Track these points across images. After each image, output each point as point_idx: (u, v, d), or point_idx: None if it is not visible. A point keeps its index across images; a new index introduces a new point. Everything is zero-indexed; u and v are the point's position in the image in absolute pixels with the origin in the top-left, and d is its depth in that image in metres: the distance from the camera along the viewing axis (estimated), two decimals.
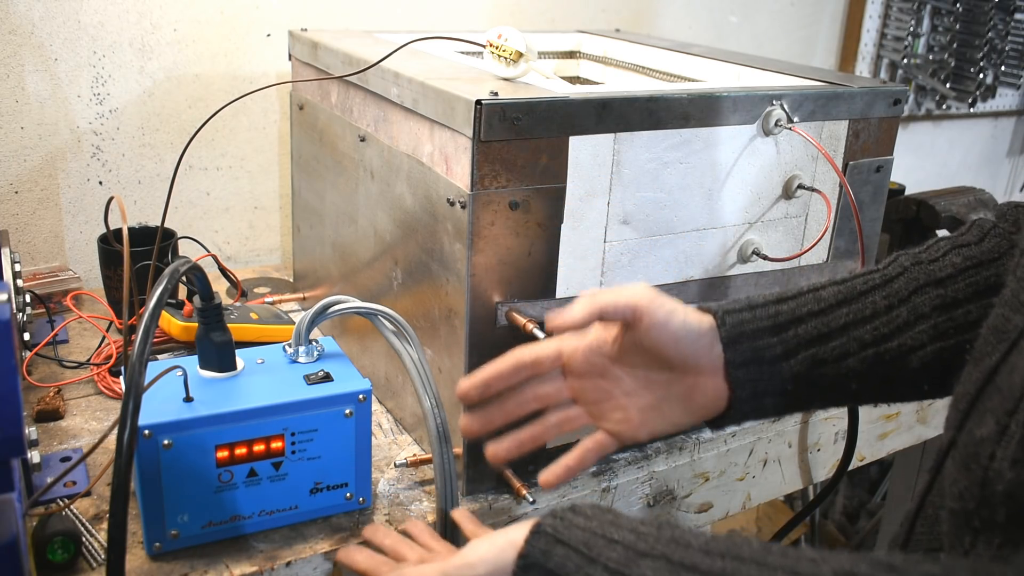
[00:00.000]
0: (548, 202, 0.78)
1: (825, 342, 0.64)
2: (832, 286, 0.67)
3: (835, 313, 0.65)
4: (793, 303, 0.65)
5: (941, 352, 0.65)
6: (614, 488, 0.88)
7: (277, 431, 0.71)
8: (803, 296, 0.66)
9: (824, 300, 0.65)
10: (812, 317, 0.65)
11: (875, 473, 2.18)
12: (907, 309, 0.65)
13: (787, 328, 0.64)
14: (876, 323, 0.65)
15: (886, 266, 0.68)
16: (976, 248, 0.67)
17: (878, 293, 0.66)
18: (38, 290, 1.12)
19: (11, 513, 0.54)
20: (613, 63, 1.23)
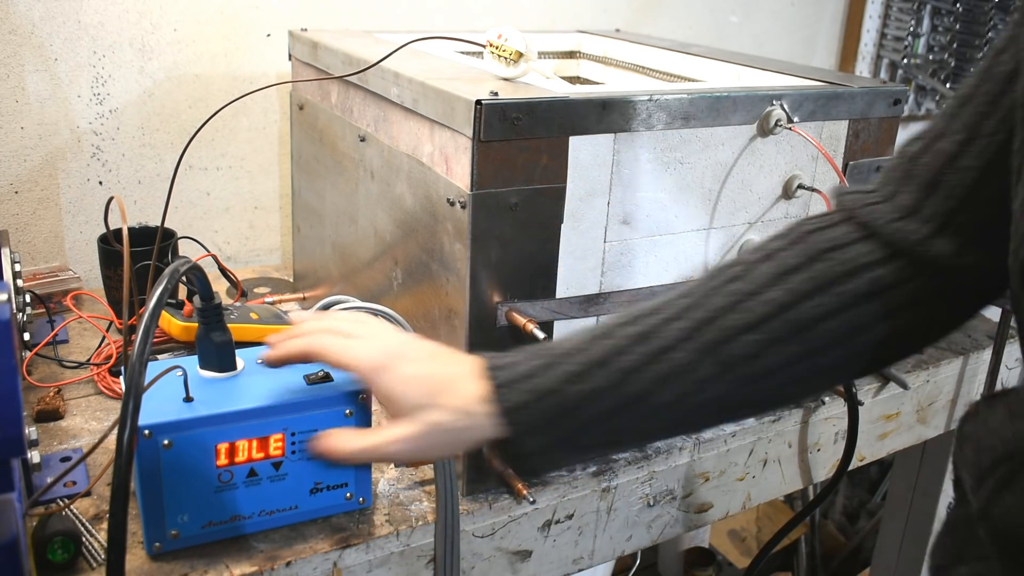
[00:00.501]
0: (548, 202, 0.78)
1: (623, 412, 0.60)
2: (634, 347, 0.60)
3: (633, 379, 0.60)
4: (587, 381, 0.60)
5: (751, 397, 0.62)
6: (614, 488, 0.88)
7: (277, 431, 0.71)
8: (600, 368, 0.60)
9: (621, 369, 0.60)
10: (609, 391, 0.60)
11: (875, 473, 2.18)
12: (711, 361, 0.60)
13: (579, 410, 0.60)
14: (677, 380, 0.60)
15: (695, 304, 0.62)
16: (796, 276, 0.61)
17: (681, 347, 0.60)
18: (38, 290, 1.12)
19: (11, 513, 0.54)
20: (613, 63, 1.23)
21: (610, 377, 0.60)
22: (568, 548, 0.88)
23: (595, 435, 0.61)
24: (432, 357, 0.65)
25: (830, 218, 0.64)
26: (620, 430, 0.62)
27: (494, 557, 0.83)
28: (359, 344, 0.66)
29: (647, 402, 0.60)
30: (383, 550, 0.76)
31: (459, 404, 0.61)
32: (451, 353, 0.66)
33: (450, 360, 0.65)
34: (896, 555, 1.38)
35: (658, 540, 0.95)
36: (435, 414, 0.62)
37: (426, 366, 0.64)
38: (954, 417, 1.19)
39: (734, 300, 0.61)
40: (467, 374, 0.62)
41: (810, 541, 2.01)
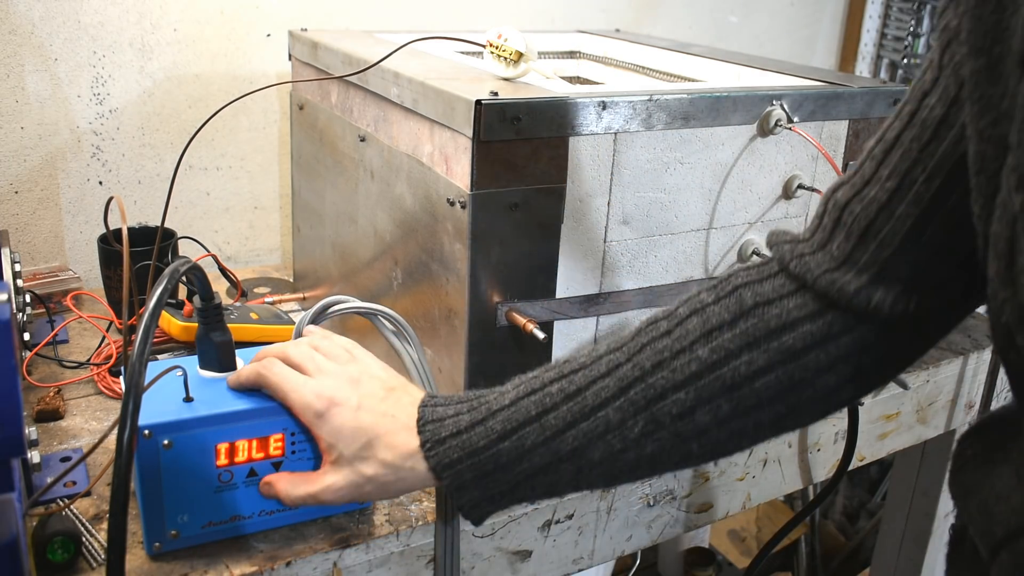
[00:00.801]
0: (548, 202, 0.78)
1: (555, 467, 0.61)
2: (562, 404, 0.61)
3: (563, 437, 0.60)
4: (515, 439, 0.60)
5: (684, 453, 0.62)
6: (614, 488, 0.88)
7: (277, 431, 0.71)
8: (528, 425, 0.61)
9: (550, 427, 0.60)
10: (537, 449, 0.60)
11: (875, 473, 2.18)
12: (643, 419, 0.60)
13: (510, 466, 0.61)
14: (608, 438, 0.60)
15: (628, 358, 0.61)
16: (729, 331, 0.60)
17: (611, 406, 0.60)
18: (38, 290, 1.12)
19: (11, 513, 0.54)
20: (613, 63, 1.23)
21: (540, 435, 0.60)
22: (568, 548, 0.88)
23: (528, 490, 0.62)
24: (372, 404, 0.65)
25: (763, 270, 0.63)
26: (553, 484, 0.62)
27: (494, 557, 0.83)
28: (305, 385, 0.67)
29: (578, 459, 0.61)
30: (383, 550, 0.76)
31: (391, 459, 0.63)
32: (395, 396, 0.66)
33: (389, 408, 0.65)
34: (896, 555, 1.38)
35: (658, 540, 0.95)
36: (369, 467, 0.64)
37: (363, 416, 0.65)
38: (954, 417, 1.19)
39: (662, 358, 0.60)
40: (401, 428, 0.64)
41: (810, 541, 2.01)
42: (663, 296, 0.89)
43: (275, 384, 0.68)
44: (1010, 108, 0.44)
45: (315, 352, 0.70)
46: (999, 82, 0.45)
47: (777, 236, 0.65)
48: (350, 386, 0.66)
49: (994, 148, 0.46)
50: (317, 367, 0.68)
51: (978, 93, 0.47)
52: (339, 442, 0.65)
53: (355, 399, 0.65)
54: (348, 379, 0.67)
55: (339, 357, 0.70)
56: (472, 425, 0.62)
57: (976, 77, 0.47)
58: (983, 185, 0.47)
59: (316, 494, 0.66)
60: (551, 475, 0.61)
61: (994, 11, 0.45)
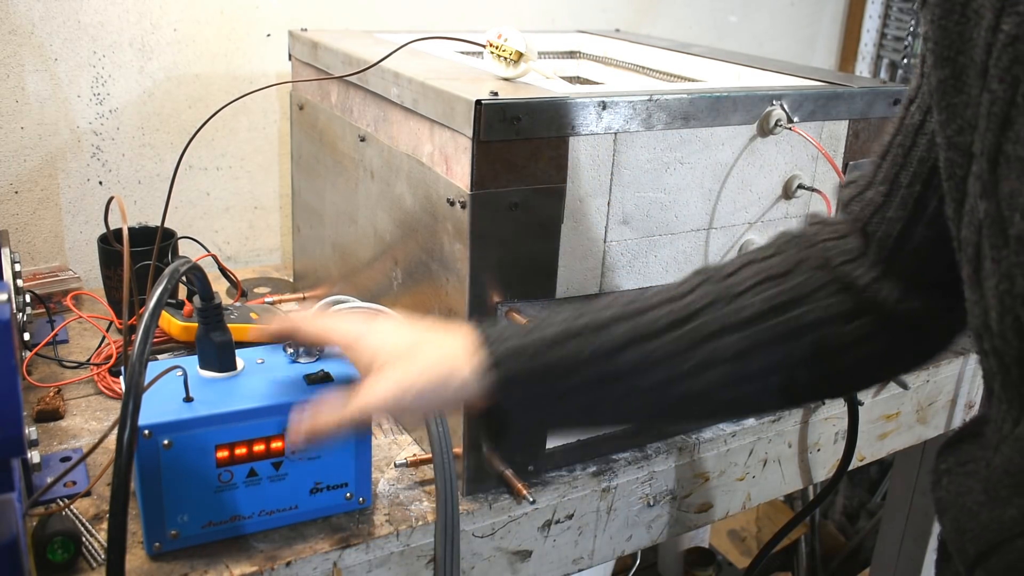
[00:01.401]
0: (548, 202, 0.78)
1: (606, 385, 0.60)
2: (624, 320, 0.61)
3: (621, 355, 0.60)
4: (574, 345, 0.60)
5: (736, 397, 0.62)
6: (614, 488, 0.88)
7: (277, 431, 0.71)
8: (589, 335, 0.60)
9: (611, 340, 0.60)
10: (594, 361, 0.60)
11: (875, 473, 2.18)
12: (702, 353, 0.60)
13: (564, 376, 0.60)
14: (664, 366, 0.60)
15: (690, 290, 0.62)
16: (785, 282, 0.62)
17: (672, 332, 0.60)
18: (38, 290, 1.12)
19: (11, 513, 0.54)
20: (613, 63, 1.23)
21: (598, 347, 0.60)
22: (568, 548, 0.88)
23: (572, 405, 0.61)
24: (415, 322, 0.66)
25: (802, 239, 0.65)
26: (597, 405, 0.61)
27: (494, 557, 0.83)
28: (342, 316, 0.68)
29: (629, 381, 0.60)
30: (383, 550, 0.76)
31: (442, 354, 0.61)
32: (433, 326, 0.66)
33: (432, 325, 0.65)
34: (896, 555, 1.38)
35: (658, 540, 0.95)
36: (416, 365, 0.61)
37: (407, 329, 0.65)
38: (954, 417, 1.19)
39: (719, 298, 0.62)
40: (450, 332, 0.63)
41: (810, 541, 2.01)
42: None
43: (310, 324, 0.67)
44: (973, 117, 0.45)
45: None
46: (963, 91, 0.46)
47: (811, 218, 0.67)
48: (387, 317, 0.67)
49: (960, 156, 0.47)
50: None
51: (945, 102, 0.48)
52: (384, 348, 0.62)
53: (398, 320, 0.66)
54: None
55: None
56: (529, 331, 0.61)
57: (943, 86, 0.48)
58: (953, 191, 0.49)
59: (360, 405, 0.61)
60: (599, 392, 0.60)
61: (958, 22, 0.46)
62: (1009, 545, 0.49)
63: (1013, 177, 0.43)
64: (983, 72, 0.44)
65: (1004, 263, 0.44)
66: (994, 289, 0.45)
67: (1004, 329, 0.45)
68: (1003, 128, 0.43)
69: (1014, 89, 0.42)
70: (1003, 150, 0.43)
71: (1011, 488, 0.49)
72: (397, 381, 0.61)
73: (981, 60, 0.44)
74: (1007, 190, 0.43)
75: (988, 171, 0.44)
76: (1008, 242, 0.43)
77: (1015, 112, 0.42)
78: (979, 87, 0.45)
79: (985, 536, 0.50)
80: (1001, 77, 0.42)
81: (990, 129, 0.44)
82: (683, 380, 0.60)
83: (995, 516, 0.50)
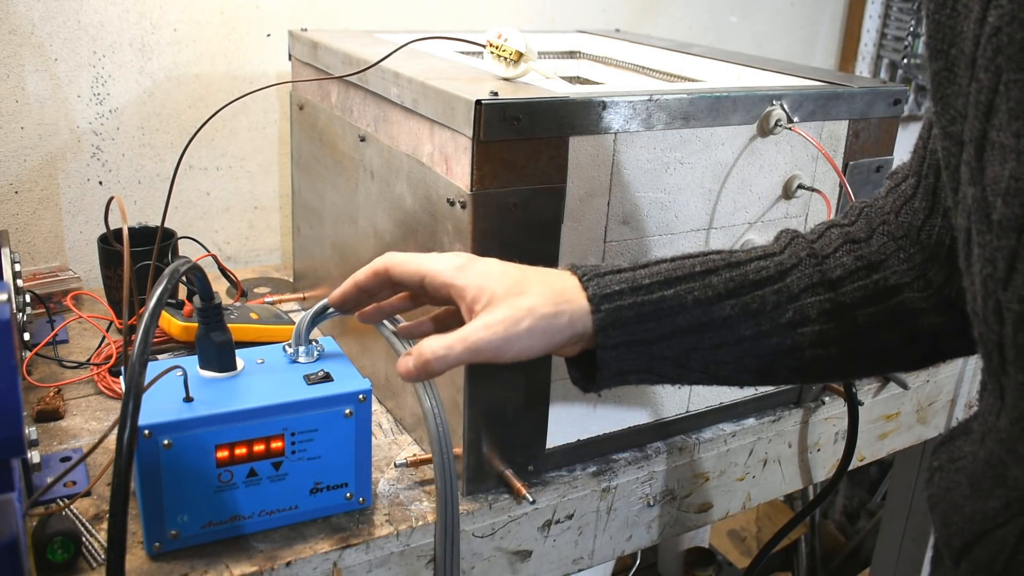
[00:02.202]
0: (548, 202, 0.78)
1: (704, 331, 0.61)
2: (724, 270, 0.63)
3: (721, 304, 0.62)
4: (679, 288, 0.61)
5: (819, 357, 0.64)
6: (614, 488, 0.88)
7: (277, 431, 0.71)
8: (692, 281, 0.62)
9: (713, 287, 0.62)
10: (697, 306, 0.61)
11: (875, 473, 2.18)
12: (794, 309, 0.63)
13: (668, 316, 0.61)
14: (760, 319, 0.62)
15: (781, 250, 0.65)
16: (866, 247, 0.65)
17: (768, 287, 0.63)
18: (38, 290, 1.12)
19: (11, 513, 0.54)
20: (613, 63, 1.23)
21: (702, 293, 0.62)
22: (568, 548, 0.88)
23: (667, 349, 0.62)
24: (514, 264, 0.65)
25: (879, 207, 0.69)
26: (691, 352, 0.62)
27: (494, 557, 0.83)
28: (431, 254, 0.65)
29: (727, 331, 0.62)
30: (383, 550, 0.76)
31: (548, 291, 0.61)
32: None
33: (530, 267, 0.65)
34: (896, 555, 1.38)
35: (658, 540, 0.95)
36: (525, 299, 0.60)
37: (508, 266, 0.64)
38: (954, 417, 1.19)
39: (812, 254, 0.65)
40: (551, 272, 0.64)
41: (810, 541, 2.01)
42: None
43: (404, 258, 0.65)
44: (964, 107, 0.47)
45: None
46: (955, 82, 0.48)
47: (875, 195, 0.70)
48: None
49: (953, 144, 0.49)
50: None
51: (940, 93, 0.50)
52: (488, 282, 0.61)
53: (493, 259, 0.64)
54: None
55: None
56: (635, 268, 0.62)
57: (937, 78, 0.50)
58: (950, 179, 0.50)
59: (472, 339, 0.59)
60: (695, 338, 0.62)
61: (950, 16, 0.48)
62: (991, 535, 0.49)
63: (996, 163, 0.44)
64: (972, 63, 0.46)
65: (988, 248, 0.45)
66: (979, 274, 0.46)
67: (987, 314, 0.46)
68: (988, 116, 0.44)
69: (997, 78, 0.44)
70: (988, 137, 0.45)
71: (993, 480, 0.50)
72: (506, 317, 0.59)
73: (970, 51, 0.46)
74: (991, 175, 0.45)
75: (975, 158, 0.46)
76: (991, 227, 0.45)
77: (999, 100, 0.44)
78: (968, 77, 0.46)
79: (969, 528, 0.51)
80: (986, 67, 0.44)
81: (977, 117, 0.45)
82: (775, 334, 0.63)
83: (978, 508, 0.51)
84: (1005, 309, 0.44)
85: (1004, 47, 0.43)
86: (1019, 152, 0.43)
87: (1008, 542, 0.48)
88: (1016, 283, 0.43)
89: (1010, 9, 0.42)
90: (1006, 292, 0.44)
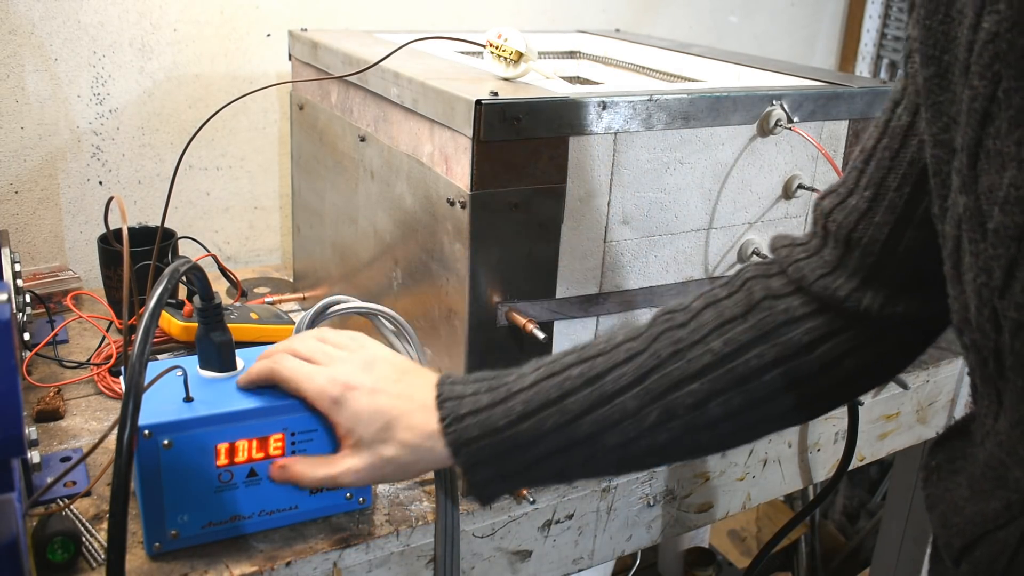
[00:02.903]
0: (548, 202, 0.78)
1: (569, 450, 0.61)
2: (582, 388, 0.61)
3: (580, 423, 0.61)
4: (534, 420, 0.61)
5: (694, 444, 0.63)
6: (614, 488, 0.88)
7: (277, 431, 0.71)
8: (547, 408, 0.61)
9: (568, 411, 0.61)
10: (555, 431, 0.61)
11: (875, 473, 2.18)
12: (658, 409, 0.61)
13: (528, 447, 0.61)
14: (624, 425, 0.61)
15: (646, 346, 0.62)
16: (743, 321, 0.62)
17: (628, 393, 0.61)
18: (38, 290, 1.12)
19: (11, 513, 0.54)
20: (613, 63, 1.23)
21: (559, 418, 0.61)
22: (568, 548, 0.88)
23: (540, 471, 0.63)
24: (387, 386, 0.66)
25: (769, 268, 0.65)
26: (565, 467, 0.63)
27: (494, 557, 0.83)
28: (316, 373, 0.67)
29: (593, 444, 0.61)
30: (383, 550, 0.76)
31: (411, 439, 0.63)
32: (409, 378, 0.66)
33: (405, 389, 0.65)
34: (896, 555, 1.38)
35: (658, 540, 0.95)
36: (388, 449, 0.64)
37: (380, 398, 0.65)
38: (954, 417, 1.19)
39: (678, 348, 0.62)
40: (418, 408, 0.64)
41: (810, 541, 2.01)
42: (663, 296, 0.89)
43: (288, 377, 0.68)
44: (957, 114, 0.46)
45: (323, 343, 0.70)
46: (948, 89, 0.47)
47: (776, 241, 0.67)
48: (363, 370, 0.67)
49: (945, 152, 0.48)
50: (328, 356, 0.69)
51: (931, 100, 0.49)
52: (358, 425, 0.65)
53: (369, 382, 0.66)
54: (361, 364, 0.67)
55: (347, 346, 0.70)
56: (492, 404, 0.62)
57: (929, 84, 0.49)
58: (939, 188, 0.49)
59: (336, 476, 0.67)
60: (565, 458, 0.62)
61: (943, 21, 0.47)
62: (992, 536, 0.49)
63: (993, 172, 0.43)
64: (965, 69, 0.45)
65: (982, 256, 0.44)
66: (972, 283, 0.46)
67: (982, 322, 0.46)
68: (983, 123, 0.44)
69: (995, 85, 0.43)
70: (983, 145, 0.44)
71: (993, 481, 0.50)
72: (369, 464, 0.65)
73: (964, 58, 0.45)
74: (986, 184, 0.44)
75: (968, 166, 0.45)
76: (986, 236, 0.44)
77: (995, 108, 0.43)
78: (962, 84, 0.45)
79: (969, 529, 0.51)
80: (982, 73, 0.43)
81: (970, 124, 0.44)
82: (646, 435, 0.61)
83: (979, 509, 0.51)
84: (1002, 317, 0.44)
85: (1003, 54, 0.42)
86: (1020, 160, 0.42)
87: (1009, 543, 0.48)
88: (1014, 291, 0.43)
89: (1009, 15, 0.41)
90: (1003, 300, 0.43)
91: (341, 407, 0.66)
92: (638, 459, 0.63)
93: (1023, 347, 0.43)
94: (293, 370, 0.68)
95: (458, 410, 0.63)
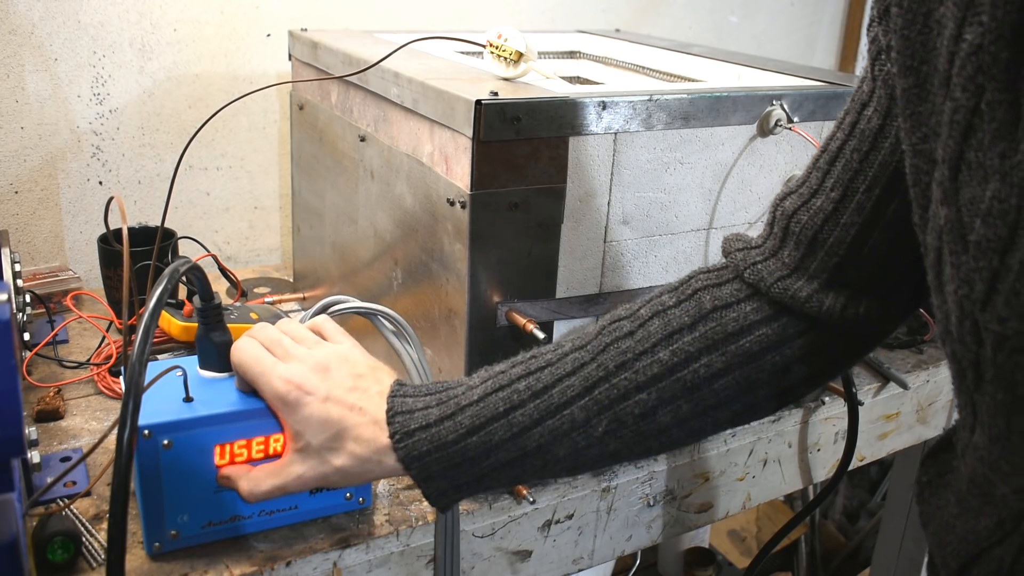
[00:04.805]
0: (548, 202, 0.78)
1: (521, 461, 0.62)
2: (529, 401, 0.62)
3: (529, 435, 0.61)
4: (482, 434, 0.61)
5: (645, 449, 0.64)
6: (614, 488, 0.88)
7: (277, 431, 0.71)
8: (495, 422, 0.61)
9: (517, 424, 0.61)
10: (505, 444, 0.61)
11: (875, 473, 2.18)
12: (607, 419, 0.62)
13: (479, 459, 0.62)
14: (573, 435, 0.62)
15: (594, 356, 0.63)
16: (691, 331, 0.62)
17: (576, 404, 0.61)
18: (38, 290, 1.12)
19: (11, 513, 0.54)
20: (613, 63, 1.23)
21: (507, 431, 0.61)
22: (568, 548, 0.88)
23: (494, 480, 0.63)
24: (340, 394, 0.65)
25: (721, 275, 0.65)
26: (518, 476, 0.63)
27: (494, 557, 0.83)
28: (274, 369, 0.66)
29: (544, 454, 0.62)
30: (383, 550, 0.76)
31: (360, 452, 0.63)
32: (363, 384, 0.66)
33: (358, 399, 0.65)
34: (896, 555, 1.38)
35: (658, 540, 0.95)
36: (337, 459, 0.64)
37: (331, 408, 0.64)
38: (954, 417, 1.19)
39: (625, 359, 0.62)
40: (369, 421, 0.64)
41: (810, 541, 2.01)
42: None
43: (246, 364, 0.68)
44: (937, 125, 0.46)
45: (283, 336, 0.69)
46: (927, 100, 0.47)
47: (730, 243, 0.67)
48: (318, 374, 0.65)
49: (925, 162, 0.48)
50: (285, 351, 0.68)
51: (909, 110, 0.48)
52: (307, 431, 0.65)
53: (323, 389, 0.65)
54: (316, 365, 0.66)
55: (306, 340, 0.69)
56: (441, 419, 0.62)
57: (907, 95, 0.48)
58: (919, 197, 0.49)
59: (284, 486, 0.66)
60: (517, 468, 0.63)
61: (921, 32, 0.47)
62: (987, 555, 0.49)
63: (975, 184, 0.43)
64: (946, 81, 0.44)
65: (963, 268, 0.44)
66: (954, 294, 0.45)
67: (963, 333, 0.45)
68: (966, 136, 0.43)
69: (978, 97, 0.42)
70: (965, 157, 0.43)
71: (980, 498, 0.50)
72: (318, 473, 0.65)
73: (944, 69, 0.44)
74: (968, 196, 0.43)
75: (949, 178, 0.44)
76: (968, 248, 0.43)
77: (978, 120, 0.42)
78: (943, 95, 0.45)
79: (964, 548, 0.51)
80: (964, 86, 0.43)
81: (952, 136, 0.44)
82: (596, 444, 0.62)
83: (970, 527, 0.51)
84: (983, 329, 0.43)
85: (987, 66, 0.41)
86: (1004, 173, 0.41)
87: (1005, 561, 0.48)
88: (996, 304, 0.42)
89: (992, 27, 0.40)
90: (984, 313, 0.43)
91: (292, 410, 0.65)
92: (590, 464, 0.64)
93: (1006, 360, 0.43)
94: (252, 358, 0.67)
95: (408, 424, 0.63)
